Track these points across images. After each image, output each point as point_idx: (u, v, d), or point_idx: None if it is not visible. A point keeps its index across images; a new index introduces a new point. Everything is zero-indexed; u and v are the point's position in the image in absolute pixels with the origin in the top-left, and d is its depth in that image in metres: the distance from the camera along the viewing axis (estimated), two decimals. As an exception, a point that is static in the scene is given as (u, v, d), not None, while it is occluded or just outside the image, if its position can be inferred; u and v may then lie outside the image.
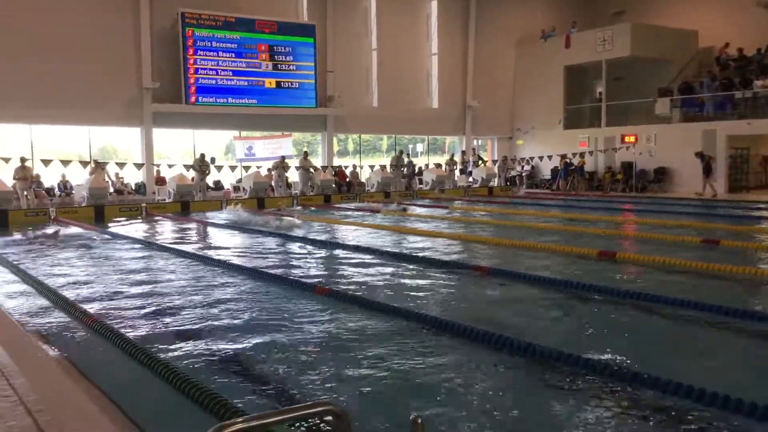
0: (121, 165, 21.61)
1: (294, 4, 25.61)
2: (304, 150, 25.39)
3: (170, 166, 22.15)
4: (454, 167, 27.22)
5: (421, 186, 26.05)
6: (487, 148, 32.87)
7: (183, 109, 22.81)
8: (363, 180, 25.92)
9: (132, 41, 22.09)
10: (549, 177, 28.35)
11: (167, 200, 21.21)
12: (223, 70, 23.49)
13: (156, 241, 13.32)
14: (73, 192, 21.01)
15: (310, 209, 20.09)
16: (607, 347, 5.51)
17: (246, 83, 23.97)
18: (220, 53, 23.35)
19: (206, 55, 23.06)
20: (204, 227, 16.21)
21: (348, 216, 17.50)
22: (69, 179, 21.39)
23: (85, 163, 20.57)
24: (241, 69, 23.84)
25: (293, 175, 24.19)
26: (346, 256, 10.77)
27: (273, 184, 23.44)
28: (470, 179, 27.55)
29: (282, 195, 22.71)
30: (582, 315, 6.87)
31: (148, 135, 22.65)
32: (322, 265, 10.27)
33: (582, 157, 26.26)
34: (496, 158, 30.15)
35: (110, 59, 21.56)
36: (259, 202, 21.15)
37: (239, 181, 23.81)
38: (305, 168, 23.53)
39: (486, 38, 29.80)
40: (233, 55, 23.64)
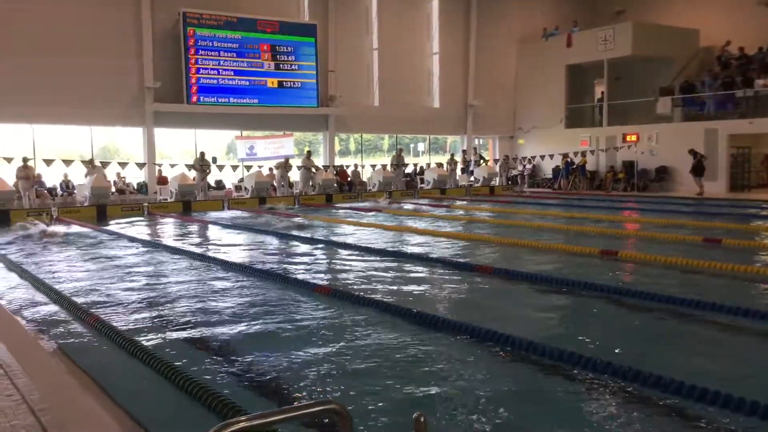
0: (123, 165, 21.64)
1: (295, 4, 25.61)
2: (306, 149, 25.39)
3: (172, 165, 22.15)
4: (455, 167, 27.20)
5: (422, 185, 26.06)
6: (489, 147, 32.86)
7: (184, 109, 22.83)
8: (364, 179, 25.93)
9: (133, 41, 22.11)
10: (550, 176, 28.33)
11: (169, 200, 21.23)
12: (225, 70, 23.50)
13: (158, 241, 13.33)
14: (75, 192, 21.04)
15: (304, 209, 20.10)
16: (609, 345, 5.51)
17: (247, 83, 23.97)
18: (222, 53, 23.36)
19: (207, 55, 23.07)
20: (206, 227, 16.22)
21: (346, 215, 17.50)
22: (71, 179, 21.42)
23: (86, 163, 20.60)
24: (243, 69, 23.85)
25: (295, 175, 24.19)
26: (346, 255, 10.77)
27: (275, 183, 23.46)
28: (471, 178, 27.55)
29: (284, 195, 22.74)
30: (584, 313, 6.88)
31: (149, 135, 22.67)
32: (322, 264, 10.28)
33: (583, 156, 26.25)
34: (497, 157, 30.15)
35: (112, 59, 21.59)
36: (260, 201, 21.25)
37: (241, 180, 23.82)
38: (307, 167, 23.54)
39: (487, 37, 29.78)
40: (234, 54, 23.64)
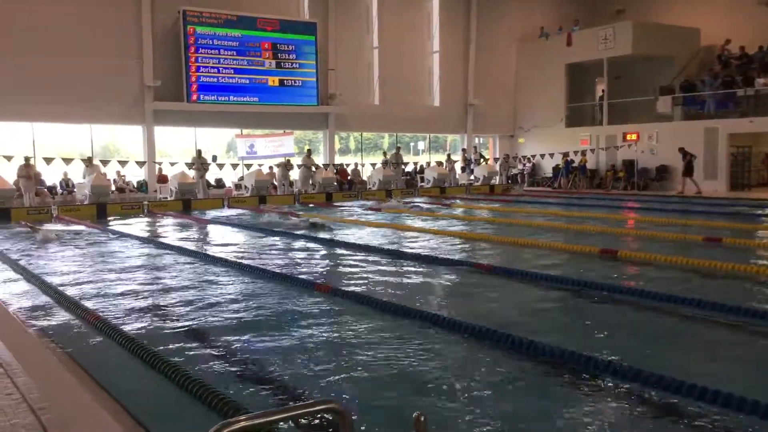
0: (122, 163, 21.63)
1: (295, 2, 25.58)
2: (306, 148, 25.37)
3: (172, 164, 22.15)
4: (452, 166, 27.15)
5: (422, 184, 26.06)
6: (489, 146, 32.85)
7: (184, 107, 22.83)
8: (364, 178, 25.92)
9: (134, 39, 22.10)
10: (551, 175, 28.33)
11: (169, 198, 21.23)
12: (225, 68, 23.48)
13: (158, 239, 13.33)
14: (75, 190, 21.04)
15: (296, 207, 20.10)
16: (609, 345, 5.51)
17: (247, 81, 23.96)
18: (222, 51, 23.35)
19: (208, 53, 23.06)
20: (205, 225, 16.21)
21: (348, 214, 17.50)
22: (71, 177, 21.42)
23: (85, 161, 20.60)
24: (243, 67, 23.84)
25: (295, 174, 24.17)
26: (346, 254, 10.78)
27: (276, 182, 23.45)
28: (471, 177, 27.55)
29: (285, 193, 22.73)
30: (583, 313, 6.88)
31: (149, 133, 22.67)
32: (322, 263, 10.27)
33: (584, 155, 26.24)
34: (497, 156, 30.14)
35: (112, 57, 21.59)
36: (260, 200, 21.27)
37: (241, 179, 23.81)
38: (307, 166, 23.53)
39: (487, 36, 29.76)
40: (234, 53, 23.63)
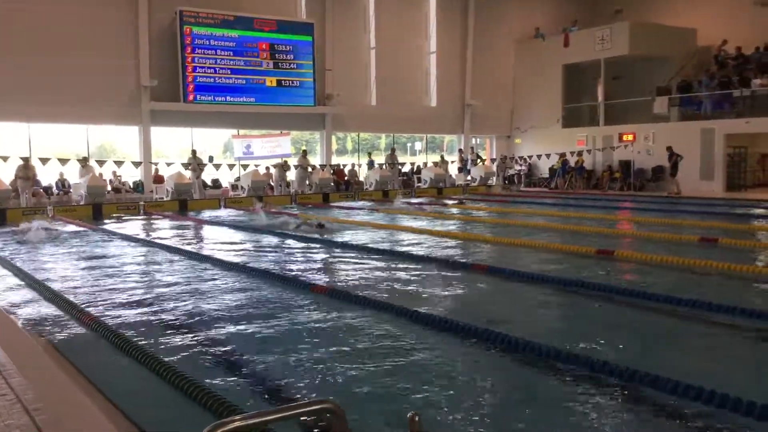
0: (119, 163, 21.58)
1: (293, 3, 25.58)
2: (302, 149, 25.37)
3: (168, 164, 22.12)
4: (446, 167, 27.10)
5: (419, 184, 26.06)
6: (486, 146, 32.87)
7: (181, 108, 22.79)
8: (361, 179, 25.92)
9: (130, 39, 22.07)
10: (547, 176, 28.36)
11: (165, 199, 21.19)
12: (222, 69, 23.46)
13: (154, 240, 13.30)
14: (71, 190, 20.99)
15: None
16: (605, 345, 5.51)
17: (244, 81, 23.94)
18: (219, 51, 23.33)
19: (204, 54, 23.04)
20: (202, 225, 16.19)
21: (344, 215, 17.49)
22: (67, 177, 21.37)
23: (81, 161, 20.56)
24: (240, 67, 23.82)
25: (292, 175, 24.15)
26: (341, 254, 10.77)
27: (273, 183, 23.43)
28: (468, 177, 27.56)
29: (282, 194, 22.71)
30: (580, 312, 6.89)
31: (146, 133, 22.64)
32: (318, 263, 10.26)
33: (580, 155, 26.27)
34: (494, 157, 30.15)
35: (108, 58, 21.55)
36: (258, 200, 21.19)
37: (237, 179, 23.78)
38: (303, 167, 23.51)
39: (485, 37, 29.77)
40: (231, 53, 23.61)
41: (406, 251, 10.69)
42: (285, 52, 24.68)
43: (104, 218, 17.80)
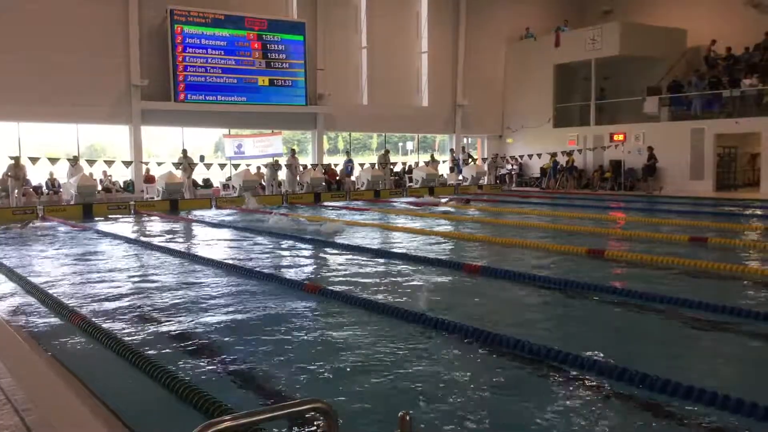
0: (109, 163, 21.48)
1: (284, 2, 25.52)
2: (291, 148, 25.33)
3: (159, 164, 22.03)
4: (436, 166, 27.11)
5: (411, 184, 26.07)
6: (477, 146, 32.93)
7: (172, 107, 22.72)
8: (353, 178, 25.89)
9: (121, 38, 21.97)
10: (538, 175, 28.44)
11: (156, 198, 21.11)
12: (213, 68, 23.39)
13: (144, 239, 13.25)
14: (61, 190, 20.88)
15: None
16: (597, 345, 5.52)
17: (235, 81, 23.88)
18: (210, 50, 23.26)
19: (195, 53, 22.97)
20: (192, 225, 16.14)
21: (338, 214, 17.48)
22: (57, 177, 21.25)
23: (71, 161, 20.46)
24: (231, 66, 23.76)
25: (284, 175, 24.10)
26: (334, 254, 10.78)
27: (264, 183, 23.38)
28: (460, 177, 27.60)
29: (273, 194, 22.67)
30: (571, 312, 6.91)
31: (136, 133, 22.54)
32: (310, 263, 10.26)
33: (570, 155, 26.36)
34: (486, 156, 30.21)
35: (99, 56, 21.44)
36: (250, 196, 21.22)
37: (228, 179, 23.72)
38: (292, 166, 23.47)
39: (476, 36, 29.83)
40: (222, 52, 23.55)
41: (399, 251, 10.69)
42: (277, 52, 24.64)
43: (94, 218, 17.72)
